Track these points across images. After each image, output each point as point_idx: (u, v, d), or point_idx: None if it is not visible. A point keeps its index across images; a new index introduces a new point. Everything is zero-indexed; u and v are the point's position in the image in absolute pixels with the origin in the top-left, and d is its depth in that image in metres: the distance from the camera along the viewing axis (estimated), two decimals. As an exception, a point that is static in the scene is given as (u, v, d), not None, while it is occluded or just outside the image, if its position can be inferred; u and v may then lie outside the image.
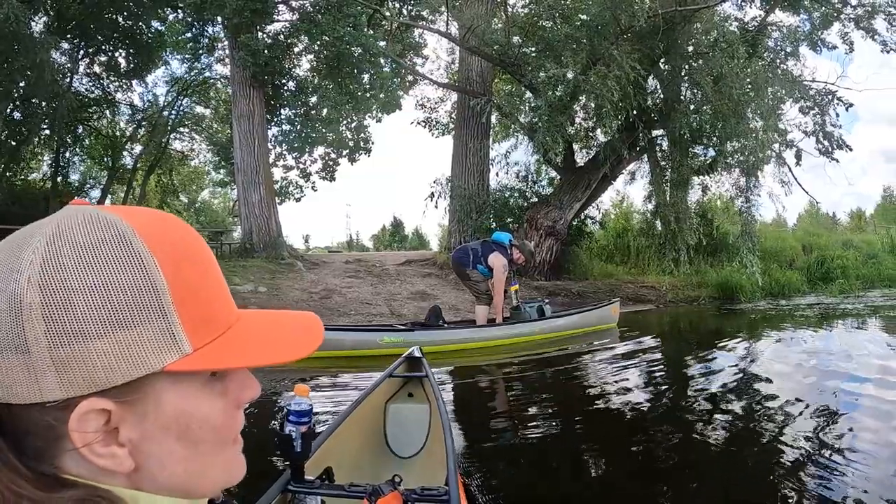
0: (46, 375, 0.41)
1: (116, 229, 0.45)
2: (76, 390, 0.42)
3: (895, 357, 6.33)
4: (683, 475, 3.19)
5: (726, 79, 10.40)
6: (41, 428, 0.43)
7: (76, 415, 0.42)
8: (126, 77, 16.68)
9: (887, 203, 45.22)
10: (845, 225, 32.79)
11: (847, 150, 13.58)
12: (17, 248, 0.43)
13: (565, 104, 10.83)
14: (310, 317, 0.56)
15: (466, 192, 13.43)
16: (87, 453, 0.43)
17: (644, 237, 14.18)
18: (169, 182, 21.02)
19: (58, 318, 0.41)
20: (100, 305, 0.42)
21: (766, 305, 11.71)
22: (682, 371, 5.94)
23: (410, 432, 2.83)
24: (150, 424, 0.45)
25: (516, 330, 7.27)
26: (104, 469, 0.43)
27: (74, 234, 0.43)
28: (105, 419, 0.43)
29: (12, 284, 0.41)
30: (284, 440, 1.57)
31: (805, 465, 3.12)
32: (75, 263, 0.42)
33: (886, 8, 13.34)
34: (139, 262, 0.44)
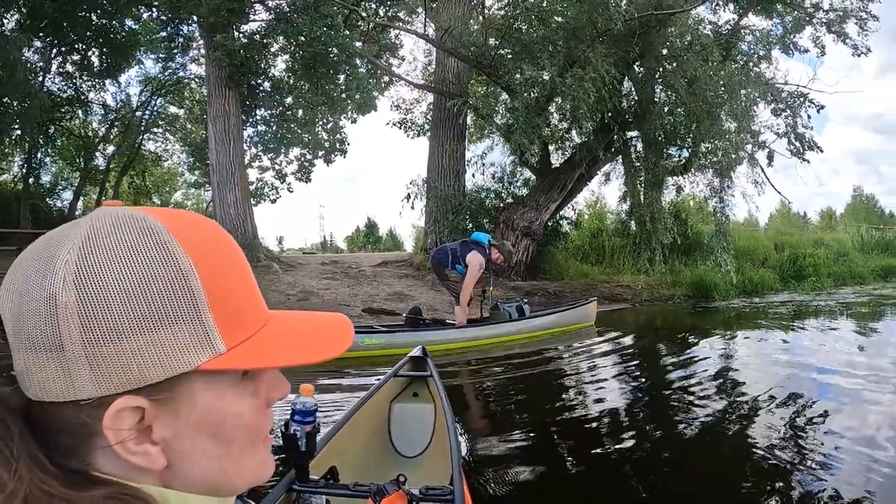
0: (81, 373, 0.42)
1: (152, 230, 0.45)
2: (110, 388, 0.42)
3: (865, 352, 6.54)
4: (684, 470, 3.27)
5: (700, 81, 10.55)
6: (74, 425, 0.43)
7: (110, 412, 0.42)
8: (99, 76, 16.42)
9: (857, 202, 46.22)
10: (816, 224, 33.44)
11: (818, 152, 13.86)
12: (50, 248, 0.44)
13: (541, 106, 10.91)
14: (340, 318, 0.57)
15: (443, 192, 13.44)
16: (120, 451, 0.43)
17: (619, 237, 14.33)
18: (142, 183, 20.73)
19: (93, 318, 0.41)
20: (135, 305, 0.42)
21: (739, 303, 11.95)
22: (662, 368, 6.06)
23: (415, 432, 2.84)
24: (182, 423, 0.46)
25: (496, 330, 7.32)
26: (137, 467, 0.44)
27: (110, 235, 0.44)
28: (139, 417, 0.44)
29: (48, 284, 0.42)
30: (289, 439, 1.57)
31: (780, 457, 3.21)
32: (111, 263, 0.43)
33: (858, 12, 13.62)
34: (174, 262, 0.45)
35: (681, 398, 4.68)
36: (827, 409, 4.10)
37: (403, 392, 3.04)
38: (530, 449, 3.59)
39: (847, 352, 6.51)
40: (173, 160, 21.39)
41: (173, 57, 16.82)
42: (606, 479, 3.16)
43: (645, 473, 3.18)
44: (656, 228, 11.85)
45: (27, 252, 0.45)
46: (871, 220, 37.25)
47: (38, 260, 0.43)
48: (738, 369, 5.80)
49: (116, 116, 18.31)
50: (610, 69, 9.96)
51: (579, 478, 3.17)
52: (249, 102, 14.68)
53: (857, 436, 3.51)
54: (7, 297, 0.44)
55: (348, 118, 17.35)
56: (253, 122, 15.95)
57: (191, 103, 19.45)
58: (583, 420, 4.21)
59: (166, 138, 20.08)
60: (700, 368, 5.78)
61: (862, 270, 16.07)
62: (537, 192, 13.06)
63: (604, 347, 7.08)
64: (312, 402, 1.61)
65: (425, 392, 3.04)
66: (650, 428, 4.02)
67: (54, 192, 18.61)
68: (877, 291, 13.56)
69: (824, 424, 3.77)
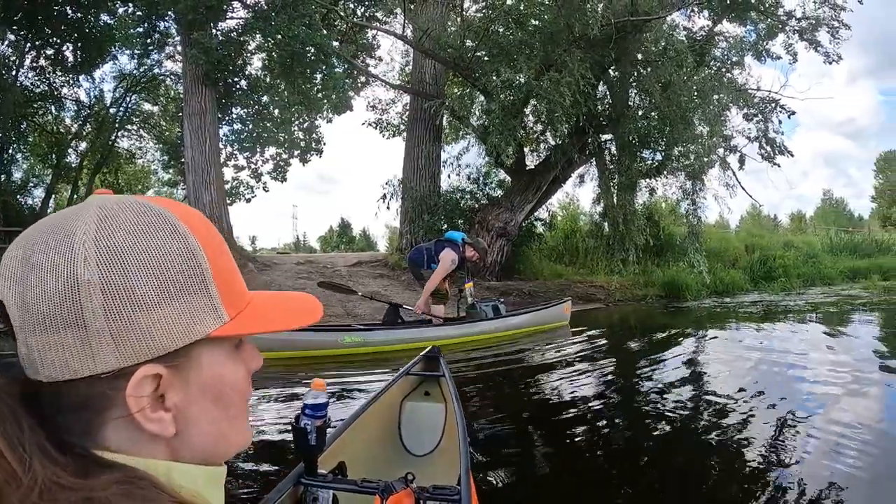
0: (103, 347, 0.44)
1: (163, 215, 0.50)
2: (133, 359, 0.45)
3: (833, 350, 6.73)
4: (682, 471, 3.33)
5: (674, 86, 10.73)
6: (90, 399, 0.46)
7: (134, 380, 0.45)
8: (73, 71, 16.14)
9: (827, 206, 47.25)
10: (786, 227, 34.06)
11: (789, 156, 14.17)
12: (58, 233, 0.46)
13: (518, 108, 11.01)
14: (307, 295, 0.63)
15: (418, 193, 13.49)
16: (140, 418, 0.46)
17: (592, 238, 14.49)
18: (115, 181, 20.40)
19: (116, 293, 0.45)
20: (154, 279, 0.46)
21: (711, 303, 12.18)
22: (638, 365, 6.15)
23: (425, 431, 2.85)
24: (192, 388, 0.49)
25: (473, 328, 7.39)
26: (150, 435, 0.47)
27: (125, 218, 0.48)
28: (156, 385, 0.47)
29: (68, 264, 0.44)
30: (299, 433, 1.59)
31: (750, 451, 3.33)
32: (130, 242, 0.46)
33: (830, 21, 13.89)
34: (184, 240, 0.50)
35: (668, 396, 4.79)
36: (795, 405, 4.25)
37: (415, 391, 3.07)
38: (536, 449, 3.65)
39: (815, 350, 6.70)
40: (147, 158, 21.13)
41: (149, 53, 16.60)
42: (613, 479, 3.22)
43: (659, 475, 3.23)
44: (630, 230, 12.01)
45: (24, 242, 0.47)
46: (841, 222, 38.11)
47: (46, 245, 0.45)
48: (711, 367, 5.98)
49: (90, 113, 18.02)
50: (586, 73, 10.08)
51: (584, 478, 3.22)
52: (226, 100, 14.58)
53: (823, 431, 3.64)
54: (7, 284, 0.45)
55: (324, 118, 17.33)
56: (229, 119, 15.85)
57: (165, 100, 19.21)
58: (582, 420, 4.25)
59: (140, 136, 19.82)
60: (677, 366, 5.94)
61: (830, 272, 16.46)
62: (512, 193, 13.17)
63: (586, 347, 7.17)
64: (324, 397, 1.63)
65: (437, 391, 3.06)
66: (660, 430, 4.04)
67: (26, 190, 18.27)
68: (844, 292, 13.87)
69: (793, 421, 3.90)
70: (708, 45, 13.53)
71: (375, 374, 5.42)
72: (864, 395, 4.63)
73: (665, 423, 4.08)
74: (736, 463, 3.20)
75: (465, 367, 6.05)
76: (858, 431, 3.61)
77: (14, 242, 0.47)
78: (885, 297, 12.37)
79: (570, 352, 6.82)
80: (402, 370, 3.06)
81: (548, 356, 6.74)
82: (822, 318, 9.62)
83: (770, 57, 14.40)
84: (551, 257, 14.33)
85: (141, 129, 19.47)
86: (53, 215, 0.48)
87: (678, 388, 4.98)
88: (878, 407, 4.36)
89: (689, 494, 2.94)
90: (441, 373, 3.08)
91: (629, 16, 10.50)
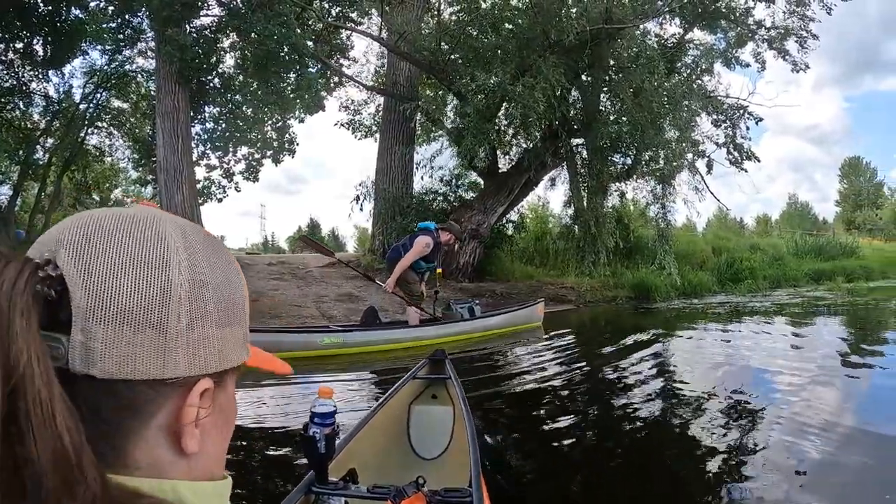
0: (177, 353, 0.44)
1: (220, 241, 0.53)
2: (197, 370, 0.46)
3: (798, 349, 7.04)
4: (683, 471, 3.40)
5: (645, 92, 10.94)
6: (142, 403, 0.44)
7: (196, 390, 0.46)
8: (43, 66, 15.81)
9: (792, 209, 48.35)
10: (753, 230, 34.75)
11: (756, 161, 14.56)
12: (153, 230, 0.46)
13: (492, 111, 11.13)
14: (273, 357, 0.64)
15: (391, 194, 13.53)
16: (186, 430, 0.46)
17: (563, 240, 14.62)
18: (83, 179, 19.97)
19: (197, 305, 0.46)
20: (224, 302, 0.49)
21: (679, 304, 12.42)
22: (618, 365, 6.30)
23: (434, 434, 2.85)
24: (216, 409, 0.50)
25: (449, 329, 7.49)
26: (180, 449, 0.47)
27: (202, 237, 0.50)
28: (209, 400, 0.48)
29: (164, 266, 0.45)
30: (308, 442, 1.59)
31: (716, 449, 3.46)
32: (211, 262, 0.49)
33: (798, 31, 14.25)
34: (238, 271, 0.53)
35: (654, 396, 4.93)
36: (761, 402, 4.46)
37: (422, 394, 3.07)
38: (547, 450, 3.68)
39: (780, 349, 6.97)
40: (117, 156, 20.74)
41: (121, 49, 16.33)
42: (621, 480, 3.24)
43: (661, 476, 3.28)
44: (600, 232, 12.23)
45: (106, 226, 0.45)
46: (806, 226, 39.05)
47: (135, 239, 0.45)
48: (678, 367, 6.19)
49: (59, 108, 17.65)
50: (560, 78, 10.24)
51: (600, 481, 3.24)
52: (198, 99, 14.43)
53: (787, 427, 3.81)
54: (74, 261, 0.43)
55: (296, 118, 17.24)
56: (201, 118, 15.68)
57: (136, 98, 18.89)
58: (573, 417, 4.37)
59: (110, 133, 19.46)
60: (651, 364, 6.19)
61: (795, 273, 16.86)
62: (485, 195, 13.28)
63: (566, 347, 7.35)
64: (332, 405, 1.63)
65: (444, 394, 3.06)
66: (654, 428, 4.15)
67: (-10, 186, 17.82)
68: (809, 293, 14.26)
69: (758, 417, 4.09)
70: (679, 52, 13.82)
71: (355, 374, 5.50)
72: (827, 388, 4.90)
73: (661, 421, 4.23)
74: (714, 458, 3.33)
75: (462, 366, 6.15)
76: (821, 422, 3.82)
77: (74, 222, 0.45)
78: (848, 298, 12.73)
79: (548, 353, 6.93)
80: (408, 374, 3.08)
81: (529, 356, 6.87)
82: (787, 319, 9.95)
83: (739, 64, 14.79)
84: (522, 259, 14.43)
85: (111, 126, 19.12)
86: (117, 211, 0.47)
87: (661, 386, 5.17)
88: (838, 398, 4.60)
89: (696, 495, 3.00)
90: (448, 375, 3.10)
91: (603, 23, 10.68)
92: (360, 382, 5.56)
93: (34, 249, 0.45)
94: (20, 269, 0.39)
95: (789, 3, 14.06)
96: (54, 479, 0.35)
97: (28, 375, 0.35)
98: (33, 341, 0.37)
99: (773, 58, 14.62)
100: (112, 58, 16.89)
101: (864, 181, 53.13)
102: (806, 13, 14.06)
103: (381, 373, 5.87)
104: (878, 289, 14.60)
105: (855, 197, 52.07)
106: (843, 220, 48.56)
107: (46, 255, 0.43)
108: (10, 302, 0.37)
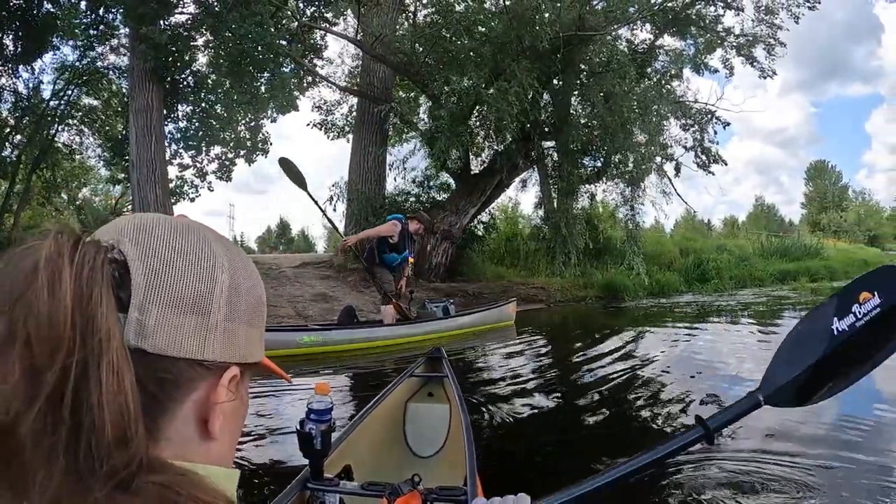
0: (216, 339, 0.50)
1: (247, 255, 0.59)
2: (230, 357, 0.52)
3: (762, 343, 7.38)
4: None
5: (616, 97, 11.20)
6: (183, 380, 0.49)
7: (228, 374, 0.52)
8: (12, 61, 15.53)
9: (758, 211, 49.38)
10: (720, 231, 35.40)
11: (722, 165, 14.95)
12: (197, 233, 0.52)
13: (465, 114, 11.30)
14: None
15: (364, 195, 13.64)
16: (217, 409, 0.51)
17: (534, 241, 14.91)
18: (52, 177, 19.56)
19: (233, 303, 0.52)
20: (251, 303, 0.55)
21: (647, 303, 12.80)
22: (595, 361, 6.53)
23: (430, 432, 2.86)
24: (237, 398, 0.54)
25: (425, 328, 7.67)
26: (206, 431, 0.51)
27: (235, 248, 0.56)
28: (235, 387, 0.53)
29: (210, 263, 0.51)
30: (304, 438, 1.59)
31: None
32: (244, 269, 0.55)
33: (766, 38, 14.65)
34: (261, 282, 0.58)
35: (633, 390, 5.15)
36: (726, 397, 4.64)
37: (419, 392, 3.08)
38: (543, 448, 3.73)
39: (745, 345, 7.35)
40: (87, 154, 20.40)
41: (93, 45, 16.08)
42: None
43: None
44: (571, 233, 12.48)
45: (161, 225, 0.50)
46: (772, 227, 39.90)
47: (186, 238, 0.51)
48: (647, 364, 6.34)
49: (28, 105, 17.33)
50: (533, 83, 10.45)
51: (590, 474, 3.21)
52: (172, 97, 14.31)
53: (753, 425, 3.90)
54: (133, 247, 0.48)
55: (268, 117, 17.14)
56: (174, 117, 15.53)
57: (108, 95, 18.62)
58: (571, 416, 4.45)
59: (81, 131, 19.16)
60: (622, 359, 6.49)
61: (761, 274, 17.37)
62: (457, 197, 13.46)
63: (546, 345, 7.71)
64: (328, 401, 1.63)
65: (441, 392, 3.07)
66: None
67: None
68: (774, 293, 14.73)
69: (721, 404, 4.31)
70: (649, 58, 14.15)
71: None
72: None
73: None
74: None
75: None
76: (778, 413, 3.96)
77: (130, 220, 0.50)
78: (811, 297, 13.13)
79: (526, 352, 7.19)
80: (404, 372, 3.10)
81: (507, 355, 7.06)
82: (752, 317, 10.36)
83: (708, 70, 15.14)
84: (493, 259, 14.67)
85: (82, 124, 18.84)
86: (164, 216, 0.53)
87: (640, 382, 5.40)
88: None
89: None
90: (444, 373, 3.11)
91: (576, 30, 10.92)
92: (348, 380, 5.72)
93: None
94: (98, 248, 0.44)
95: (758, 11, 14.46)
96: (113, 433, 0.40)
97: (105, 341, 0.41)
98: (111, 312, 0.42)
99: (742, 64, 14.99)
100: (84, 54, 16.66)
101: (830, 184, 54.42)
102: (774, 21, 14.49)
103: (364, 371, 6.06)
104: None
105: (820, 199, 53.30)
106: (808, 222, 49.71)
107: (111, 242, 0.47)
108: (93, 277, 0.42)
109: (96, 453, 0.39)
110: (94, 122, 18.63)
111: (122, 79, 16.71)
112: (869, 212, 51.70)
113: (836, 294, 1.28)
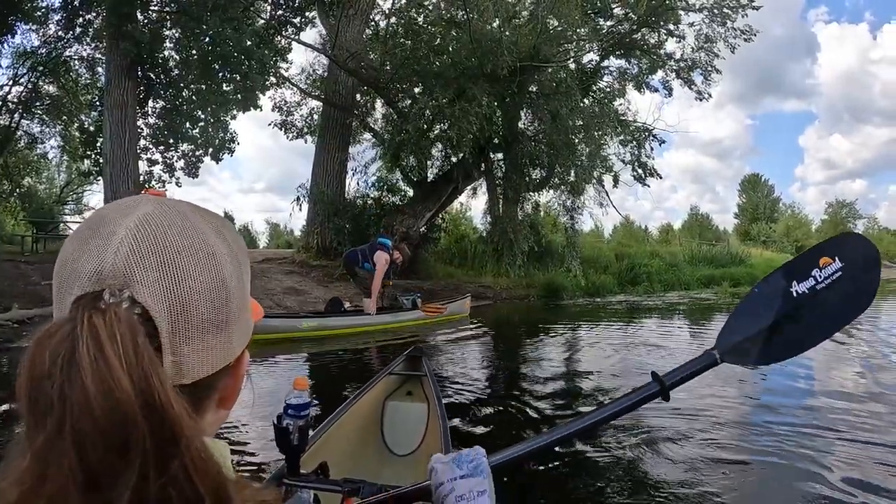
0: (234, 338, 0.51)
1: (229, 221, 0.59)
2: (244, 343, 0.53)
3: (680, 337, 8.80)
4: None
5: (562, 117, 12.53)
6: (220, 384, 0.52)
7: (245, 358, 0.54)
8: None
9: (693, 219, 51.37)
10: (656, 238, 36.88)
11: (658, 178, 16.52)
12: (197, 234, 0.49)
13: (428, 129, 12.43)
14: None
15: (327, 196, 14.41)
16: (234, 389, 0.54)
17: (482, 244, 15.92)
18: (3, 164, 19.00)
19: (239, 297, 0.51)
20: (246, 281, 0.54)
21: (584, 302, 14.17)
22: (539, 351, 7.65)
23: (407, 430, 2.85)
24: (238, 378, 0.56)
25: (399, 318, 9.08)
26: (226, 408, 0.55)
27: (226, 225, 0.55)
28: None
29: (217, 268, 0.49)
30: (281, 433, 1.55)
31: (619, 437, 3.77)
32: (237, 245, 0.54)
33: (705, 65, 16.24)
34: (238, 235, 0.58)
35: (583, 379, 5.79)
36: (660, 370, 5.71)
37: (398, 390, 3.07)
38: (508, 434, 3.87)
39: (666, 338, 8.58)
40: (51, 143, 20.12)
41: (57, 33, 15.76)
42: (601, 475, 3.27)
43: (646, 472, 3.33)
44: (517, 237, 13.74)
45: (162, 239, 0.46)
46: (706, 235, 41.75)
47: (190, 246, 0.48)
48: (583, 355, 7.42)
49: (-8, 92, 16.92)
50: (491, 103, 11.66)
51: (565, 472, 3.30)
52: (145, 93, 14.56)
53: (681, 413, 4.25)
54: (150, 293, 0.45)
55: (229, 115, 17.29)
56: (144, 112, 15.77)
57: (75, 86, 18.47)
58: (544, 412, 4.56)
59: (43, 120, 18.94)
60: (566, 350, 7.66)
61: (689, 279, 18.83)
62: (415, 201, 14.52)
63: (503, 337, 8.97)
64: (306, 397, 1.59)
65: (419, 391, 3.05)
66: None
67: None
68: (697, 296, 16.32)
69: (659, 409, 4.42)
70: (594, 78, 15.53)
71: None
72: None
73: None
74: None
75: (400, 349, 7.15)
76: (702, 399, 4.53)
77: (150, 239, 0.46)
78: (730, 300, 14.65)
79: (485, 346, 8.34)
80: (384, 370, 3.09)
81: (471, 346, 8.11)
82: (676, 315, 11.89)
83: (649, 89, 16.75)
84: (444, 260, 15.69)
85: (44, 114, 18.67)
86: (153, 225, 0.47)
87: (586, 366, 6.40)
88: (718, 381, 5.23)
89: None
90: (423, 372, 3.10)
91: (531, 60, 12.15)
92: (338, 368, 6.37)
93: (93, 280, 0.44)
94: (120, 311, 0.42)
95: (698, 39, 15.98)
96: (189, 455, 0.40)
97: (163, 397, 0.40)
98: (157, 364, 0.42)
99: (680, 86, 16.58)
100: (45, 41, 16.20)
101: (762, 196, 56.51)
102: (713, 49, 16.01)
103: (352, 357, 6.94)
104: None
105: (753, 210, 55.15)
106: (739, 232, 51.52)
107: (122, 290, 0.44)
108: (138, 353, 0.41)
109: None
110: (60, 112, 18.55)
111: (84, 68, 16.78)
112: (797, 224, 53.74)
113: (795, 258, 1.29)
